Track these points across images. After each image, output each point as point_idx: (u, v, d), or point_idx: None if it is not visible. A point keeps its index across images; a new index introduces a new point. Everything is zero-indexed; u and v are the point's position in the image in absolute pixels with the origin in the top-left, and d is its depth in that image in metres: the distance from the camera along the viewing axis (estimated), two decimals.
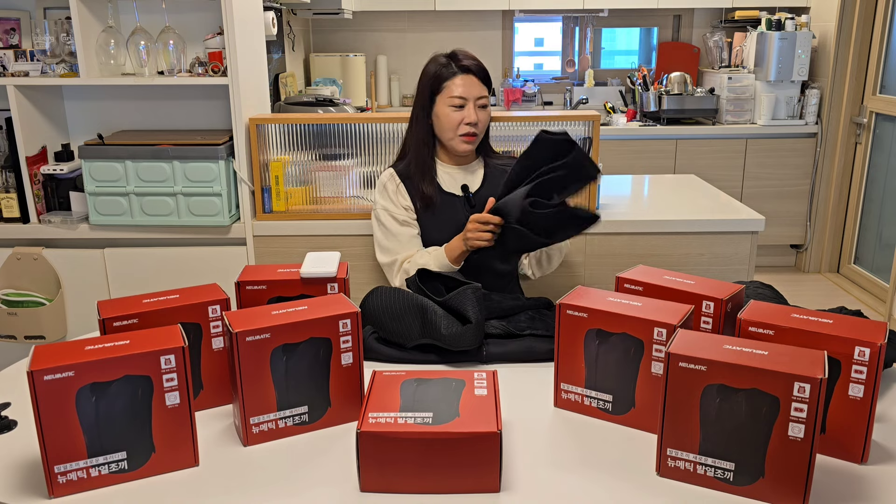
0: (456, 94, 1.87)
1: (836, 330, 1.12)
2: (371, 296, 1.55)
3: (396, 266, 1.93)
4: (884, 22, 4.05)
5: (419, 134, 1.94)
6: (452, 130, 1.89)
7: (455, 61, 1.90)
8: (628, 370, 1.22)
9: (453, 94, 1.87)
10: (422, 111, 1.93)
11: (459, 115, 1.88)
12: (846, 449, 1.14)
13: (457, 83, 1.88)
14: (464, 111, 1.88)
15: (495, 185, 1.97)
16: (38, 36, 2.40)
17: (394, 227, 1.94)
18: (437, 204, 1.93)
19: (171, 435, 1.13)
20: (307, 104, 3.46)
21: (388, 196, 1.96)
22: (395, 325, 1.50)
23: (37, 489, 1.10)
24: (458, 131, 1.89)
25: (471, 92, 1.88)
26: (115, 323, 1.25)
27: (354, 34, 4.99)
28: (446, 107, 1.88)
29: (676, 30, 5.00)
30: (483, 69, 1.92)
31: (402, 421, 1.06)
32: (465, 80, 1.88)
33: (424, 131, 1.94)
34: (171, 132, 2.49)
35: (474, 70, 1.90)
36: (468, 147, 1.93)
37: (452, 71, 1.89)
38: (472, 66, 1.89)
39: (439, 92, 1.89)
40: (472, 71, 1.89)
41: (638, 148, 4.31)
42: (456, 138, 1.90)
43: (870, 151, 4.19)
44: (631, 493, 1.07)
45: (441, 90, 1.89)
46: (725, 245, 2.32)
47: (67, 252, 2.43)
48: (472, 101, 1.88)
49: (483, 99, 1.91)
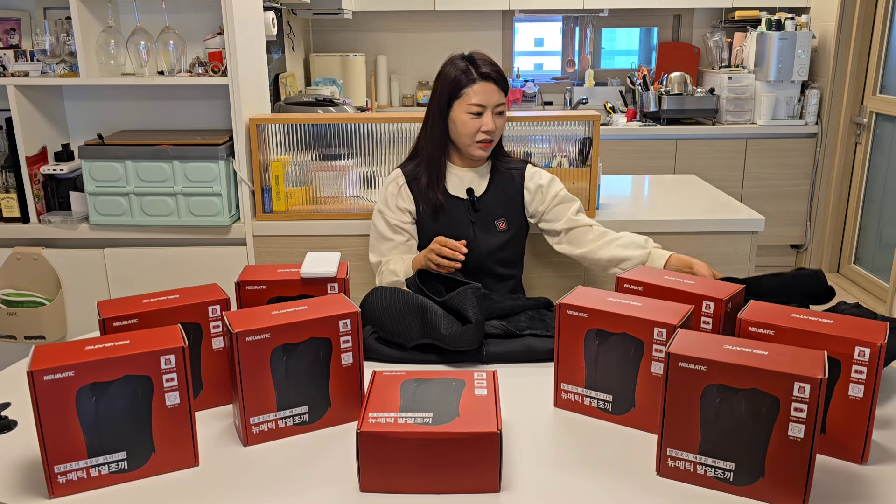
0: (474, 101, 1.85)
1: (836, 330, 1.12)
2: (371, 296, 1.55)
3: (380, 269, 1.96)
4: (884, 22, 4.05)
5: (434, 136, 1.92)
6: (469, 137, 1.88)
7: (475, 67, 1.87)
8: (628, 370, 1.22)
9: (471, 101, 1.85)
10: (438, 114, 1.91)
11: (477, 122, 1.87)
12: (846, 449, 1.14)
13: (476, 90, 1.85)
14: (482, 119, 1.86)
15: (500, 190, 1.97)
16: (38, 36, 2.40)
17: (385, 232, 1.96)
18: (444, 209, 1.93)
19: (171, 435, 1.13)
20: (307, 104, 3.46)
21: (387, 199, 1.96)
22: (395, 325, 1.50)
23: (37, 489, 1.10)
24: (476, 138, 1.88)
25: (490, 100, 1.86)
26: (115, 323, 1.25)
27: (354, 34, 4.99)
28: (464, 113, 1.86)
29: (676, 30, 5.00)
30: (502, 75, 1.90)
31: (402, 421, 1.06)
32: (484, 88, 1.86)
33: (439, 134, 1.92)
34: (171, 132, 2.49)
35: (494, 77, 1.87)
36: (483, 154, 1.92)
37: (472, 78, 1.86)
38: (492, 74, 1.87)
39: (458, 98, 1.87)
40: (492, 78, 1.87)
41: (638, 148, 4.31)
42: (473, 145, 1.90)
43: (870, 151, 4.19)
44: (631, 493, 1.07)
45: (460, 96, 1.87)
46: (725, 245, 2.32)
47: (67, 252, 2.43)
48: (491, 108, 1.87)
49: (501, 106, 1.89)
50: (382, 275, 1.94)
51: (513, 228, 1.97)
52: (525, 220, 2.01)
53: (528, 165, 2.03)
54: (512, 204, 1.98)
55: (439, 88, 1.90)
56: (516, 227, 1.98)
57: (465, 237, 1.88)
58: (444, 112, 1.90)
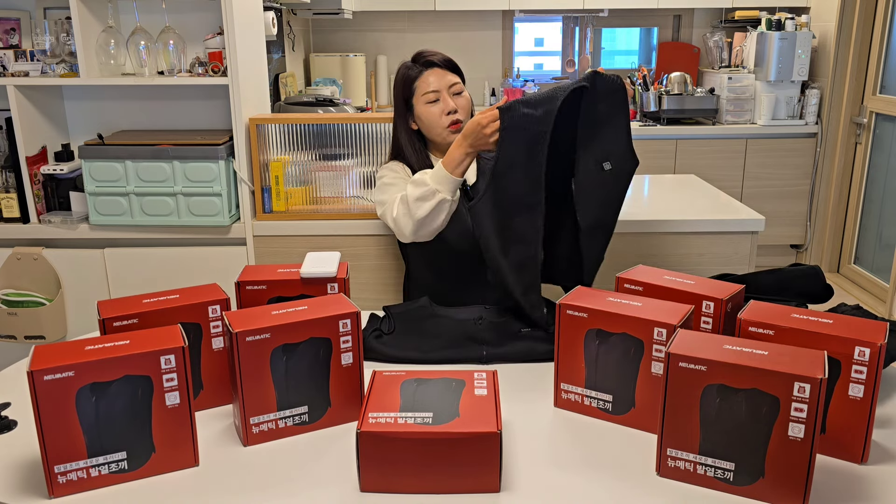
0: (428, 89, 1.89)
1: (836, 330, 1.12)
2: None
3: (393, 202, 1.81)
4: (884, 22, 4.05)
5: (412, 141, 1.95)
6: (439, 125, 1.90)
7: (417, 60, 1.93)
8: (628, 370, 1.22)
9: (425, 90, 1.89)
10: (402, 119, 1.95)
11: (438, 107, 1.89)
12: (846, 449, 1.14)
13: (425, 79, 1.90)
14: (440, 103, 1.89)
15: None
16: (38, 36, 2.40)
17: (397, 183, 1.87)
18: None
19: (171, 435, 1.13)
20: (307, 104, 3.47)
21: (394, 170, 1.94)
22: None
23: (37, 489, 1.10)
24: (443, 123, 1.90)
25: (441, 83, 1.89)
26: (115, 323, 1.25)
27: (354, 34, 4.98)
28: (423, 105, 1.90)
29: (676, 30, 5.00)
30: (447, 59, 1.94)
31: (402, 421, 1.06)
32: (431, 73, 1.90)
33: (413, 137, 1.95)
34: (171, 132, 2.49)
35: (438, 62, 1.91)
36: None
37: (418, 70, 1.91)
38: (435, 59, 1.91)
39: (412, 94, 1.91)
40: (436, 63, 1.91)
41: (638, 148, 4.24)
42: (444, 131, 1.91)
43: (870, 151, 4.19)
44: (631, 493, 1.07)
45: (413, 91, 1.91)
46: (725, 245, 2.32)
47: (67, 252, 2.43)
48: (445, 90, 1.90)
49: (456, 86, 1.92)
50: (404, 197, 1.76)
51: None
52: None
53: None
54: None
55: (395, 95, 1.95)
56: None
57: (465, 226, 1.88)
58: (406, 115, 1.94)
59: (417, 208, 1.72)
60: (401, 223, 1.78)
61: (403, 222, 1.77)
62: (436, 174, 1.72)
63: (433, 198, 1.70)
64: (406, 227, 1.76)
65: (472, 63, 5.00)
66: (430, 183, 1.71)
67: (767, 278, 1.52)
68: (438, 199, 1.70)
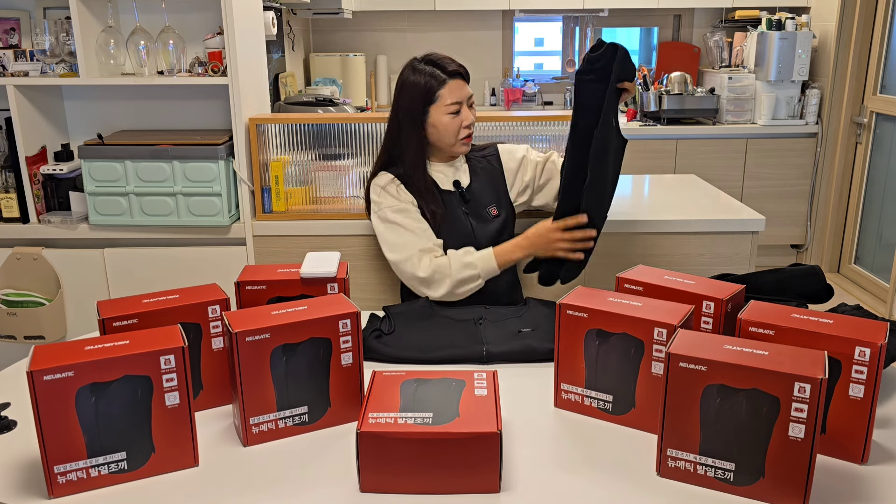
0: (451, 101, 1.88)
1: (836, 330, 1.12)
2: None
3: (419, 256, 1.84)
4: (884, 22, 4.05)
5: (412, 145, 1.91)
6: (454, 136, 1.90)
7: (441, 68, 1.89)
8: (628, 370, 1.22)
9: (448, 101, 1.87)
10: (410, 123, 1.90)
11: (458, 119, 1.89)
12: (846, 449, 1.14)
13: (450, 90, 1.88)
14: (461, 115, 1.90)
15: (482, 177, 1.99)
16: (38, 36, 2.40)
17: (407, 223, 1.88)
18: (442, 208, 1.92)
19: (171, 435, 1.13)
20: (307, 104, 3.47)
21: (392, 195, 1.92)
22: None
23: (37, 489, 1.10)
24: (460, 135, 1.91)
25: (463, 95, 1.90)
26: (114, 323, 1.25)
27: (354, 34, 4.99)
28: (444, 115, 1.88)
29: (676, 30, 5.00)
30: (465, 69, 1.95)
31: (402, 421, 1.06)
32: (456, 85, 1.89)
33: (417, 142, 1.91)
34: (171, 132, 2.49)
35: (461, 73, 1.92)
36: (468, 149, 1.97)
37: (442, 79, 1.88)
38: (458, 70, 1.91)
39: (433, 102, 1.88)
40: (459, 74, 1.91)
41: (638, 148, 4.31)
42: (458, 143, 1.92)
43: (870, 151, 4.19)
44: (631, 493, 1.07)
45: (435, 100, 1.88)
46: (725, 245, 2.32)
47: (67, 252, 2.43)
48: (465, 103, 1.91)
49: (471, 98, 1.95)
50: (431, 261, 1.83)
51: (504, 212, 1.99)
52: (510, 202, 2.02)
53: (497, 147, 2.06)
54: (497, 188, 2.00)
55: (409, 97, 1.90)
56: (506, 210, 2.00)
57: (464, 230, 1.89)
58: (419, 119, 1.90)
59: (458, 287, 1.82)
60: (431, 289, 1.83)
61: (434, 290, 1.83)
62: (486, 265, 1.83)
63: (475, 281, 1.83)
64: (435, 293, 1.83)
65: (473, 63, 4.99)
66: (479, 272, 1.83)
67: (768, 278, 1.52)
68: (479, 283, 1.84)
